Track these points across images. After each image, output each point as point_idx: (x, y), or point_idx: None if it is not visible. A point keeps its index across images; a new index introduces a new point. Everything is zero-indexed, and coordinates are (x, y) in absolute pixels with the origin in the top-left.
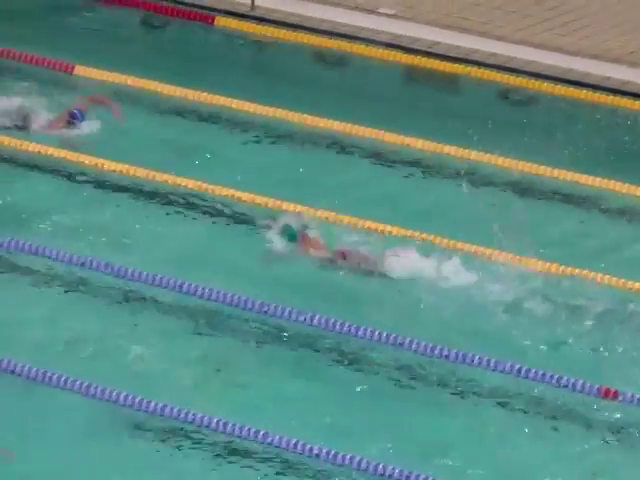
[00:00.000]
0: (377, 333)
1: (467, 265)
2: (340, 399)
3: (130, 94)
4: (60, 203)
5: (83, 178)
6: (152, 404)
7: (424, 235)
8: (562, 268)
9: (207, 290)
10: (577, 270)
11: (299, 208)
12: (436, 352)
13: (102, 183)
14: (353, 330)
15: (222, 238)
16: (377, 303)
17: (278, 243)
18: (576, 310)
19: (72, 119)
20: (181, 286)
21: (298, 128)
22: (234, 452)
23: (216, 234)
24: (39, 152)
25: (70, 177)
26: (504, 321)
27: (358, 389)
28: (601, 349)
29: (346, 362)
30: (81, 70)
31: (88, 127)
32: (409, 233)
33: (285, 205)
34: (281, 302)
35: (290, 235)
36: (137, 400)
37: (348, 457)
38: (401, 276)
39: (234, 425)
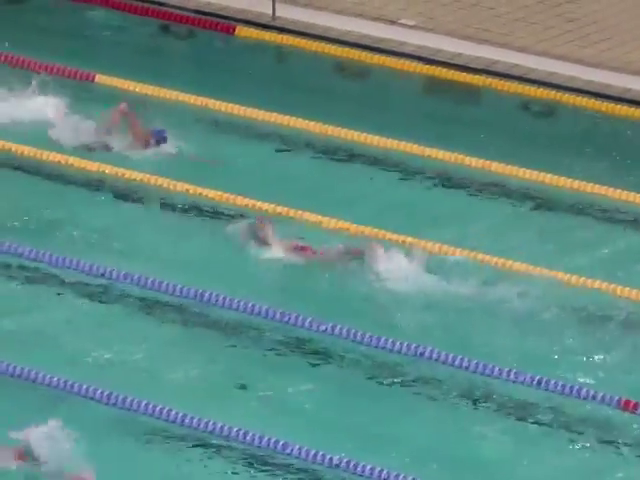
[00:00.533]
0: (398, 344)
1: (483, 274)
2: (362, 410)
3: (150, 103)
4: (78, 212)
5: (103, 187)
6: (172, 413)
7: (437, 245)
8: (582, 279)
9: (228, 300)
10: (597, 281)
11: (319, 218)
12: (456, 363)
13: (121, 192)
14: (374, 341)
15: (240, 247)
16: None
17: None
18: (596, 320)
19: (156, 137)
20: (202, 295)
21: (318, 138)
22: (253, 461)
23: (235, 243)
24: (59, 162)
25: (88, 186)
26: (521, 331)
27: (379, 400)
28: (620, 360)
29: (368, 373)
30: (102, 79)
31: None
32: (422, 242)
33: (307, 215)
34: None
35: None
36: (157, 409)
37: (368, 467)
38: (395, 281)
39: (253, 435)
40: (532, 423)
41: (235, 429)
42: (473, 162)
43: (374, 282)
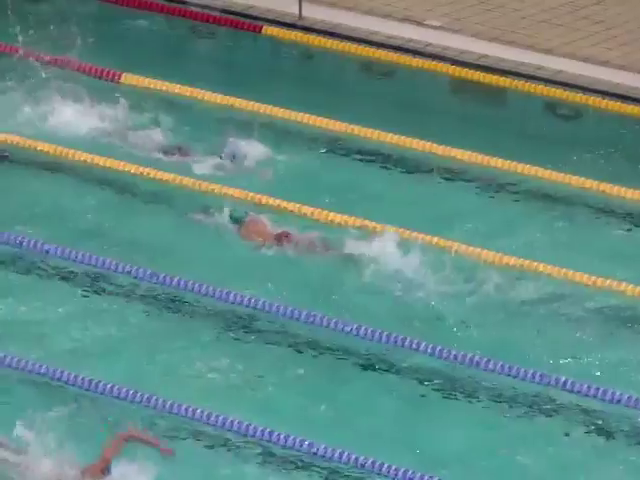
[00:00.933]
0: (423, 345)
1: (507, 275)
2: (388, 410)
3: (176, 103)
4: (103, 212)
5: (129, 187)
6: (198, 412)
7: (462, 246)
8: (608, 281)
9: (253, 300)
10: (623, 284)
11: (345, 219)
12: (481, 365)
13: (150, 193)
14: (399, 341)
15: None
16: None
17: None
18: (621, 322)
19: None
20: (227, 295)
21: (343, 137)
22: (275, 459)
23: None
24: (85, 161)
25: (112, 185)
26: (544, 332)
27: (405, 401)
28: None
29: (392, 374)
30: (128, 78)
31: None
32: (442, 242)
33: (332, 216)
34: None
35: (235, 218)
36: (182, 408)
37: (393, 467)
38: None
39: (279, 434)
40: (555, 424)
41: (260, 428)
42: (499, 163)
43: (388, 280)
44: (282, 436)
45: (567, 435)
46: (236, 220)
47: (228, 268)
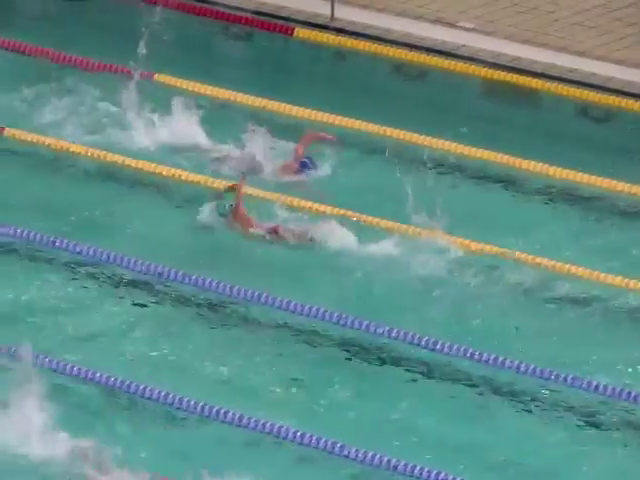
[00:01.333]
0: (455, 347)
1: (541, 278)
2: (415, 412)
3: (208, 103)
4: (135, 214)
5: (162, 187)
6: (230, 414)
7: (494, 248)
8: (638, 283)
9: (285, 302)
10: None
11: (376, 221)
12: (512, 366)
13: (184, 195)
14: (431, 344)
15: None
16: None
17: (209, 215)
18: None
19: (302, 168)
20: (266, 299)
21: (376, 139)
22: (310, 463)
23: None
24: (116, 162)
25: (143, 183)
26: (575, 336)
27: (430, 402)
28: None
29: (419, 375)
30: (161, 78)
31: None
32: (474, 245)
33: (364, 218)
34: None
35: (221, 213)
36: (213, 410)
37: (426, 470)
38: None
39: (311, 436)
40: (594, 428)
41: (292, 430)
42: (531, 166)
43: (419, 282)
44: (314, 438)
45: (602, 440)
46: (222, 214)
47: (257, 269)
